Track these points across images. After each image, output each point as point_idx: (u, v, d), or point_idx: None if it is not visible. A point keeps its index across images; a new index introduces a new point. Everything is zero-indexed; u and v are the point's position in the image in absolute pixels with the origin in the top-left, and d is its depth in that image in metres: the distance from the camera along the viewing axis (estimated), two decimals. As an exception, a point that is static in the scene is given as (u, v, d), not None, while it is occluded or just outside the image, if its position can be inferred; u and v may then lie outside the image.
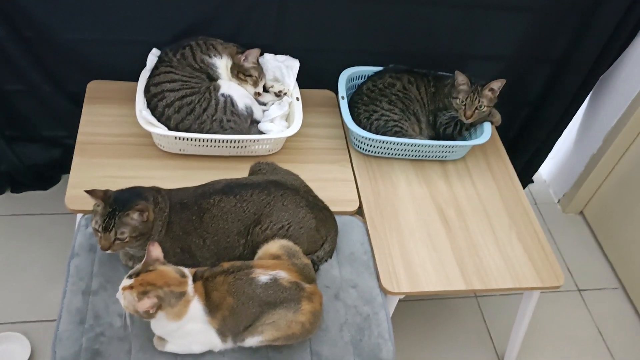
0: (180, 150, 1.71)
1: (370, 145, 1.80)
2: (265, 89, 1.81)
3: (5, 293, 1.87)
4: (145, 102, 1.69)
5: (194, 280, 1.31)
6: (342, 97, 1.85)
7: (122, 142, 1.73)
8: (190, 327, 1.30)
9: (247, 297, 1.30)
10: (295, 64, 1.84)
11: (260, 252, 1.43)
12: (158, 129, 1.63)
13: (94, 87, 1.85)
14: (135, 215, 1.34)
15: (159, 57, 1.74)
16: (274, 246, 1.42)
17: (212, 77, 1.73)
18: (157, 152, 1.73)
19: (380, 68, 1.93)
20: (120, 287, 1.27)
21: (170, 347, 1.35)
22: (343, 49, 1.95)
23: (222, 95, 1.69)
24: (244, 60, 1.75)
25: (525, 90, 2.17)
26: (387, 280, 1.56)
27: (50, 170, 2.11)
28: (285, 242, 1.43)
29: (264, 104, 1.81)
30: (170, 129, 1.65)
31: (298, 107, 1.77)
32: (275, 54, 1.86)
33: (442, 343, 1.95)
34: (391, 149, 1.81)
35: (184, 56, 1.71)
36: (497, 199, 1.81)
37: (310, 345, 1.41)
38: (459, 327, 2.01)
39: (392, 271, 1.58)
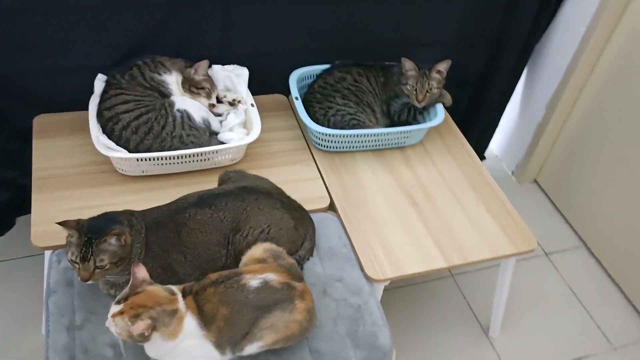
0: (143, 172, 1.67)
1: (331, 141, 1.82)
2: (219, 100, 1.80)
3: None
4: (100, 128, 1.65)
5: (184, 296, 1.29)
6: (296, 98, 1.86)
7: (80, 172, 1.68)
8: (187, 344, 1.27)
9: (240, 304, 1.29)
10: (244, 72, 1.84)
11: (245, 258, 1.41)
12: (118, 153, 1.59)
13: (41, 121, 1.79)
14: (113, 240, 1.31)
15: (107, 81, 1.70)
16: (258, 250, 1.41)
17: (164, 94, 1.71)
18: (119, 177, 1.68)
19: (327, 65, 1.96)
20: (110, 314, 1.23)
21: (168, 369, 1.32)
22: (289, 52, 1.97)
23: (178, 110, 1.67)
24: (194, 73, 1.74)
25: (467, 70, 2.25)
26: (370, 269, 1.57)
27: (3, 214, 2.02)
28: (268, 245, 1.43)
29: (220, 115, 1.80)
30: (130, 151, 1.61)
31: (254, 113, 1.77)
32: (223, 64, 1.86)
33: (429, 326, 1.98)
34: (351, 141, 1.83)
35: (133, 76, 1.69)
36: (460, 176, 1.86)
37: (307, 343, 1.41)
38: (442, 308, 2.05)
39: (374, 259, 1.59)
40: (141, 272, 1.26)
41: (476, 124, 2.38)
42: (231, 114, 1.76)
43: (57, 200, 1.60)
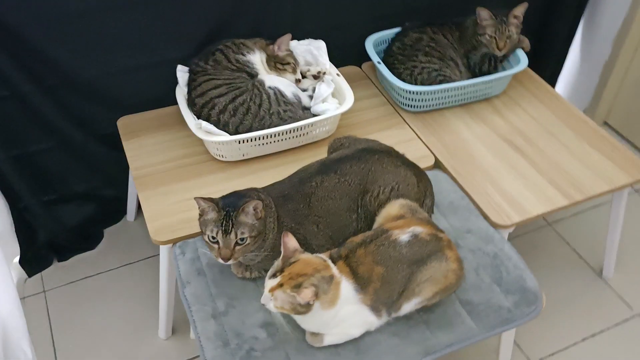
0: (243, 155, 1.63)
1: (421, 100, 1.78)
2: (303, 75, 1.76)
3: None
4: (194, 117, 1.61)
5: (333, 262, 1.24)
6: (379, 62, 1.83)
7: (178, 165, 1.63)
8: (345, 311, 1.23)
9: (395, 261, 1.24)
10: (321, 44, 1.80)
11: (381, 218, 1.37)
12: (222, 137, 1.55)
13: (125, 123, 1.75)
14: (251, 209, 1.26)
15: (190, 70, 1.66)
16: (394, 207, 1.36)
17: (252, 74, 1.67)
18: (218, 164, 1.64)
19: (398, 29, 1.93)
20: (267, 289, 1.18)
21: (329, 340, 1.27)
22: (357, 22, 1.93)
23: (270, 88, 1.63)
24: (277, 50, 1.69)
25: (528, 12, 2.19)
26: (495, 216, 1.53)
27: (92, 227, 1.97)
28: (403, 201, 1.38)
29: (305, 90, 1.76)
30: (230, 134, 1.57)
31: (343, 82, 1.73)
32: (298, 40, 1.82)
33: (540, 278, 1.93)
34: (441, 97, 1.79)
35: (217, 61, 1.64)
36: (552, 117, 1.83)
37: (457, 297, 1.36)
38: (548, 257, 2.00)
39: (496, 207, 1.56)
40: (291, 241, 1.22)
41: (542, 67, 2.32)
42: (323, 85, 1.72)
43: (162, 196, 1.55)
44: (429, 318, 1.33)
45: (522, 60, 1.86)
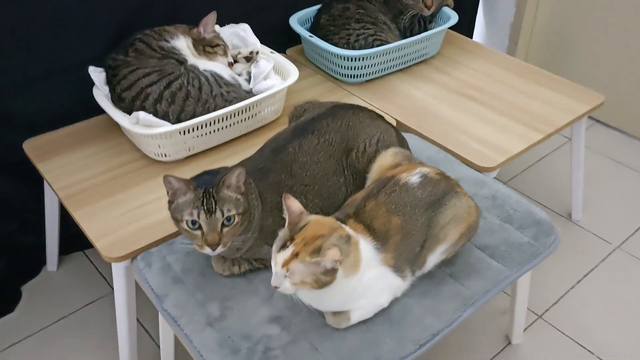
0: (189, 150, 1.40)
1: (363, 67, 1.67)
2: (234, 60, 1.58)
3: None
4: (124, 115, 1.36)
5: (343, 223, 1.06)
6: (310, 36, 1.70)
7: (114, 176, 1.37)
8: (369, 275, 1.04)
9: (411, 207, 1.08)
10: (246, 27, 1.64)
11: (374, 173, 1.20)
12: (169, 127, 1.32)
13: (34, 146, 1.45)
14: (234, 181, 1.05)
15: (108, 66, 1.42)
16: (387, 158, 1.20)
17: (180, 61, 1.45)
18: (161, 167, 1.40)
19: (318, 5, 1.82)
20: (278, 265, 0.97)
21: (356, 316, 1.06)
22: (275, 3, 1.79)
23: (205, 71, 1.43)
24: (203, 31, 1.51)
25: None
26: (479, 160, 1.44)
27: (6, 285, 1.61)
28: (394, 149, 1.23)
29: (240, 75, 1.57)
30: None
31: (281, 58, 1.58)
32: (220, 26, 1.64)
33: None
34: (383, 62, 1.69)
35: (139, 51, 1.42)
36: (494, 67, 1.81)
37: (473, 244, 1.22)
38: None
39: (476, 152, 1.46)
40: (294, 203, 1.02)
41: (459, 23, 2.30)
42: (262, 61, 1.55)
43: (104, 210, 1.28)
44: (453, 271, 1.17)
45: (451, 16, 1.81)
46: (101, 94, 1.41)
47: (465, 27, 2.37)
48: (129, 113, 1.36)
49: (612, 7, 2.14)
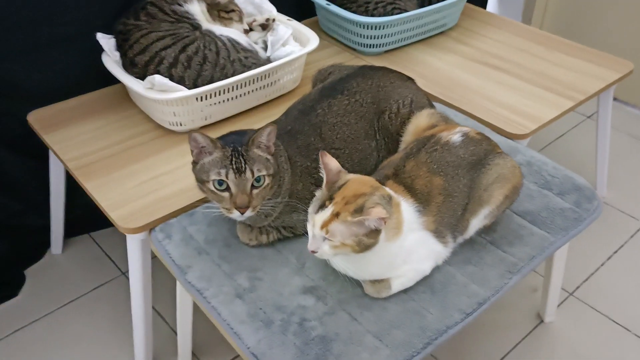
0: (205, 119, 1.32)
1: (382, 37, 1.60)
2: (250, 27, 1.50)
3: None
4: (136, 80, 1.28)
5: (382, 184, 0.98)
6: (328, 4, 1.62)
7: (127, 147, 1.29)
8: (410, 240, 0.97)
9: (454, 166, 1.01)
10: (259, -7, 1.56)
11: (409, 135, 1.13)
12: (185, 91, 1.24)
13: (38, 117, 1.37)
14: (264, 138, 0.98)
15: (118, 31, 1.34)
16: (422, 119, 1.13)
17: (194, 26, 1.38)
18: (176, 137, 1.32)
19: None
20: (316, 227, 0.90)
21: (398, 283, 0.99)
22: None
23: (222, 36, 1.36)
24: (217, -4, 1.43)
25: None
26: (510, 128, 1.37)
27: (9, 269, 1.52)
28: (429, 110, 1.16)
29: (256, 43, 1.49)
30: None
31: (299, 25, 1.50)
32: (232, -7, 1.56)
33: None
34: (402, 31, 1.62)
35: (151, 15, 1.34)
36: (515, 37, 1.74)
37: (513, 210, 1.15)
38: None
39: (506, 120, 1.39)
40: (332, 161, 0.94)
41: None
42: (280, 27, 1.47)
43: (118, 181, 1.20)
44: (494, 238, 1.10)
45: (471, -16, 1.75)
46: (111, 60, 1.33)
47: (478, 1, 2.31)
48: (143, 77, 1.27)
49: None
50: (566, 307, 1.50)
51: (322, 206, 0.91)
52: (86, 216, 1.61)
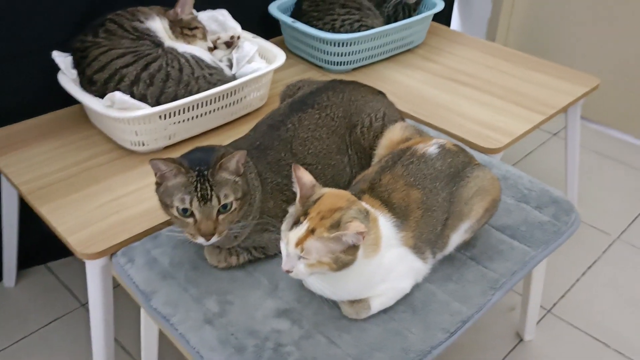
0: (169, 138, 1.26)
1: (350, 54, 1.57)
2: (214, 45, 1.46)
3: None
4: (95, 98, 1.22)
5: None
6: (294, 21, 1.59)
7: (85, 168, 1.22)
8: (389, 256, 0.92)
9: (432, 179, 0.97)
10: (224, 12, 1.52)
11: (382, 149, 1.09)
12: (147, 109, 1.18)
13: (-15, 141, 1.29)
14: (233, 164, 0.92)
15: (76, 48, 1.28)
16: (395, 132, 1.10)
17: (156, 43, 1.32)
18: (138, 158, 1.26)
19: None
20: (290, 245, 0.84)
21: (377, 303, 0.94)
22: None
23: (185, 53, 1.31)
24: (180, 12, 1.38)
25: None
26: (483, 142, 1.35)
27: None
28: (402, 123, 1.13)
29: (220, 61, 1.45)
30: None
31: (264, 42, 1.47)
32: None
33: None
34: (370, 48, 1.60)
35: (110, 31, 1.29)
36: (482, 54, 1.74)
37: (491, 225, 1.12)
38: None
39: (479, 134, 1.37)
40: (305, 174, 0.90)
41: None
42: (245, 44, 1.43)
43: (75, 204, 1.13)
44: (474, 254, 1.06)
45: (437, 3, 1.74)
46: (68, 79, 1.27)
47: (443, 20, 2.32)
48: (101, 97, 1.21)
49: (591, 6, 2.12)
50: (544, 324, 1.47)
51: (296, 222, 0.86)
52: (42, 245, 1.52)
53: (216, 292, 0.97)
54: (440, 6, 1.73)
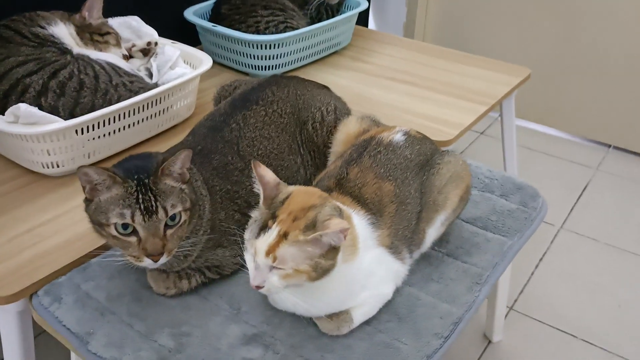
0: (88, 156, 1.09)
1: (277, 57, 1.47)
2: (129, 54, 1.30)
3: None
4: (-5, 117, 1.03)
5: (325, 196, 0.82)
6: (214, 26, 1.47)
7: (-12, 198, 1.03)
8: (367, 259, 0.81)
9: (402, 169, 0.87)
10: (136, 18, 1.37)
11: (339, 145, 0.98)
12: (60, 123, 1.01)
13: None
14: (177, 167, 0.78)
15: (-36, 61, 1.09)
16: (351, 125, 0.99)
17: (63, 51, 1.15)
18: (52, 182, 1.07)
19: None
20: (260, 254, 0.71)
21: (360, 314, 0.82)
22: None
23: (98, 59, 1.15)
24: (88, 16, 1.22)
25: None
26: (433, 135, 1.22)
27: None
28: (357, 115, 1.02)
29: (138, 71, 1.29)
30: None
31: (186, 47, 1.32)
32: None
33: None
34: (297, 50, 1.50)
35: (5, 38, 1.11)
36: (412, 53, 1.68)
37: (462, 219, 1.03)
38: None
39: (428, 129, 1.28)
40: (267, 172, 0.77)
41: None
42: (166, 48, 1.28)
43: (-19, 240, 0.94)
44: (450, 250, 0.97)
45: (361, 2, 1.68)
46: (-43, 97, 1.07)
47: (360, 21, 2.27)
48: (2, 110, 1.03)
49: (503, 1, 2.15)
50: (509, 322, 1.41)
51: (263, 228, 0.73)
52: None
53: (168, 325, 0.82)
54: (364, 5, 1.66)
